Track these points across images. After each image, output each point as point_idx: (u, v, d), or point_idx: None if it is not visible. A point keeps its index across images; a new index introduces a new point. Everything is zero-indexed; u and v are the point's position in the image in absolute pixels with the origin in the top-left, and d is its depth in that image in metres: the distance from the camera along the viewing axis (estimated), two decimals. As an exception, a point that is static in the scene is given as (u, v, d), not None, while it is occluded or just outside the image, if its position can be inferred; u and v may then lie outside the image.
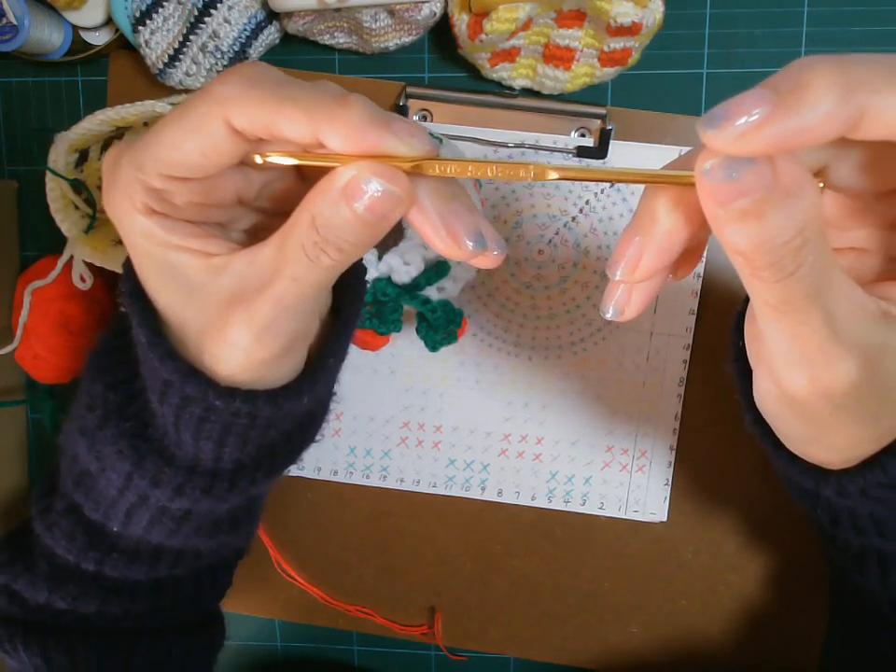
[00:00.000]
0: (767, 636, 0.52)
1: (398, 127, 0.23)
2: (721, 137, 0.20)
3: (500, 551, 0.53)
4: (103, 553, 0.34)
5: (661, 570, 0.52)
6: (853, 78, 0.20)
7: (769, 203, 0.21)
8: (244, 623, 0.58)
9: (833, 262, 0.23)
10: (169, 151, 0.24)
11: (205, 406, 0.28)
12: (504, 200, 0.48)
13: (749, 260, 0.22)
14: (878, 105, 0.20)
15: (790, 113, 0.20)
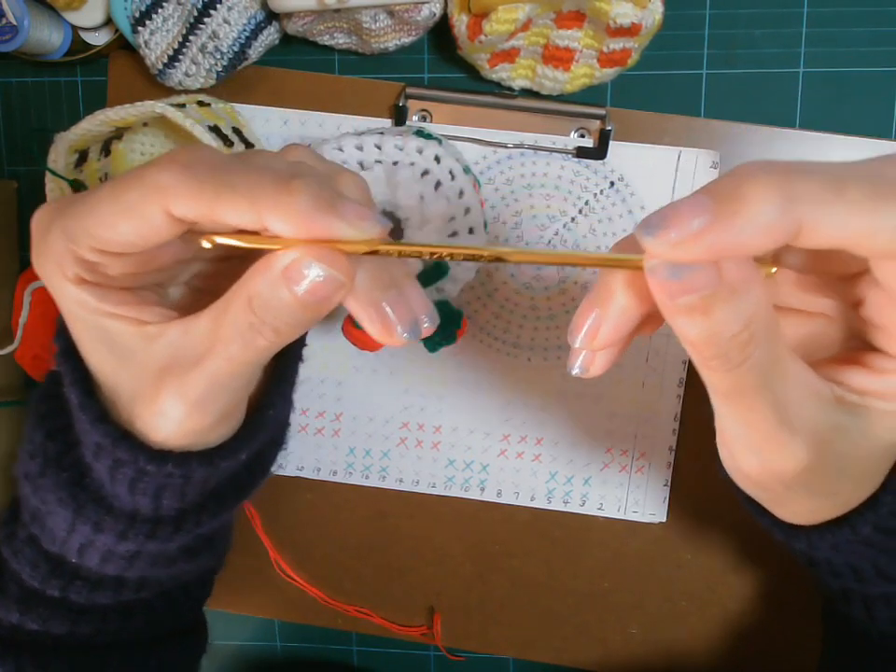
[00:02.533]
0: (767, 636, 0.52)
1: (345, 210, 0.22)
2: (657, 245, 0.20)
3: (499, 551, 0.53)
4: (66, 581, 0.34)
5: (660, 571, 0.52)
6: (792, 191, 0.20)
7: (715, 300, 0.21)
8: (243, 624, 0.58)
9: (784, 352, 0.23)
10: (103, 229, 0.24)
11: (137, 469, 0.28)
12: (504, 200, 0.48)
13: (697, 351, 0.22)
14: (816, 218, 0.20)
15: (726, 225, 0.20)
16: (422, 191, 0.40)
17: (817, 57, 0.46)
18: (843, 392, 0.24)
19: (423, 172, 0.41)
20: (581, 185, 0.48)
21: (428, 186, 0.40)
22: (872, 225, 0.20)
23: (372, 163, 0.41)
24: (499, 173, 0.48)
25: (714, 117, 0.47)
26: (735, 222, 0.20)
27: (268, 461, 0.35)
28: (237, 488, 0.33)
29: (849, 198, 0.20)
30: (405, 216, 0.40)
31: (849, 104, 0.46)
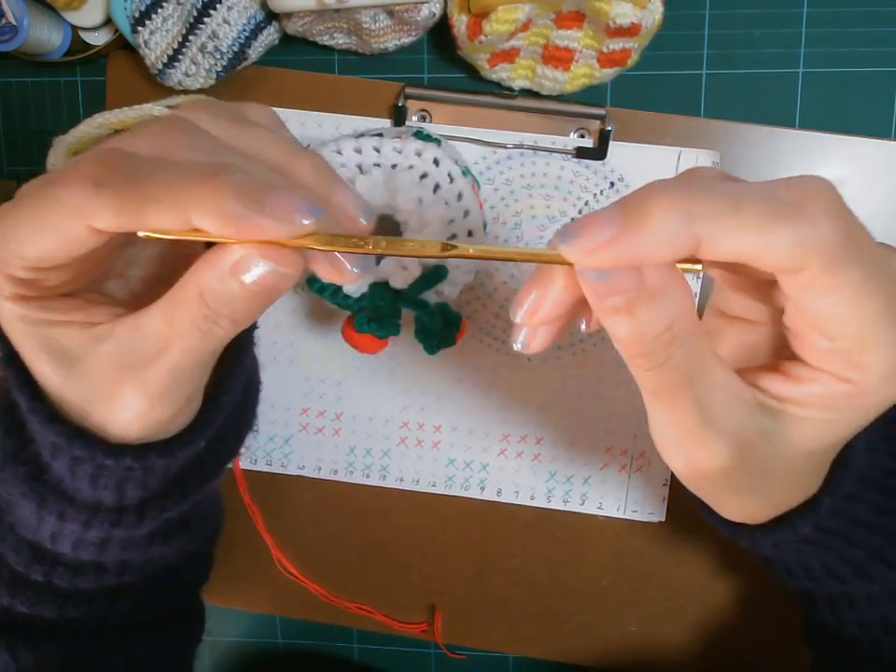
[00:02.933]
0: (766, 634, 0.52)
1: (273, 205, 0.22)
2: (572, 252, 0.22)
3: (500, 550, 0.53)
4: (48, 567, 0.34)
5: (660, 569, 0.52)
6: (692, 208, 0.21)
7: (638, 302, 0.22)
8: (245, 620, 0.59)
9: (709, 354, 0.24)
10: (29, 249, 0.24)
11: (95, 464, 0.28)
12: (503, 201, 0.48)
13: (625, 348, 0.24)
14: (713, 235, 0.21)
15: (631, 237, 0.21)
16: (420, 195, 0.40)
17: (816, 57, 0.45)
18: (764, 398, 0.26)
19: (422, 175, 0.41)
20: (580, 185, 0.48)
21: (427, 189, 0.40)
22: (765, 243, 0.21)
23: (371, 167, 0.41)
24: (499, 173, 0.48)
25: (714, 117, 0.47)
26: (639, 234, 0.21)
27: (233, 444, 0.35)
28: (201, 473, 0.33)
29: (744, 217, 0.21)
30: (404, 219, 0.40)
31: (849, 104, 0.46)
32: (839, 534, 0.32)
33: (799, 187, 0.22)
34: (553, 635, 0.54)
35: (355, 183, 0.40)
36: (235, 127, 0.28)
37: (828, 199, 0.22)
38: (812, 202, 0.21)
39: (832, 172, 0.46)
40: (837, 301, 0.22)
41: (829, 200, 0.22)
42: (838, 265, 0.22)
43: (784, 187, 0.22)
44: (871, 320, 0.22)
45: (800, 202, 0.21)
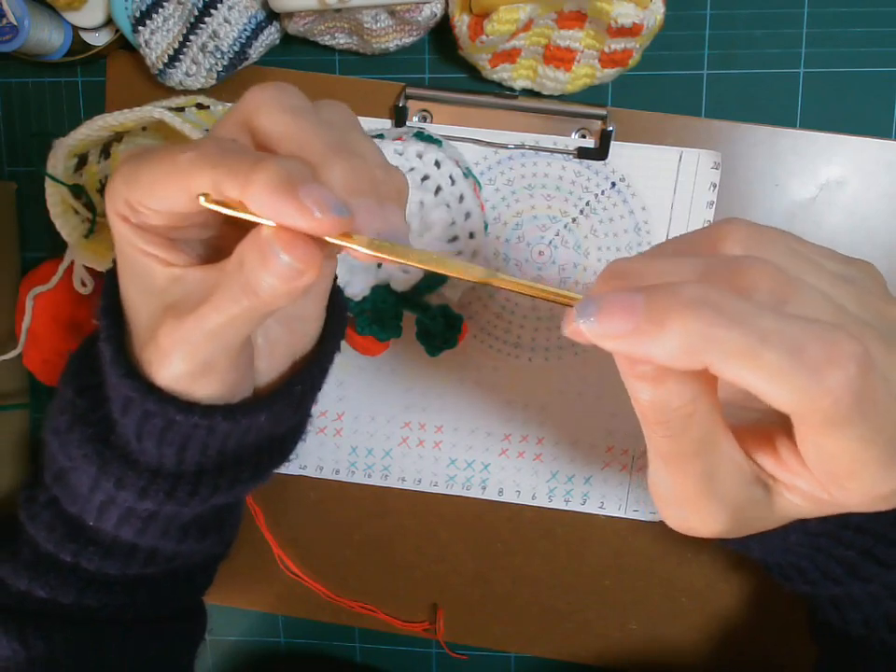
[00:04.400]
0: (768, 633, 0.52)
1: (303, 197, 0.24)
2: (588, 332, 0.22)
3: (501, 549, 0.54)
4: (80, 546, 0.36)
5: (661, 568, 0.52)
6: (710, 338, 0.21)
7: (669, 375, 0.22)
8: (247, 619, 0.59)
9: (721, 428, 0.25)
10: (142, 192, 0.26)
11: (166, 419, 0.30)
12: (504, 201, 0.48)
13: (644, 414, 0.24)
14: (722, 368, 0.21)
15: (640, 341, 0.21)
16: (422, 198, 0.40)
17: (817, 57, 0.45)
18: (759, 471, 0.26)
19: (423, 177, 0.41)
20: (582, 185, 0.48)
21: (428, 191, 0.40)
22: (768, 389, 0.21)
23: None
24: (500, 173, 0.48)
25: (715, 117, 0.47)
26: (649, 343, 0.21)
27: (287, 448, 0.36)
28: (255, 465, 0.34)
29: (760, 363, 0.21)
30: (406, 222, 0.40)
31: (849, 104, 0.46)
32: (828, 535, 0.32)
33: (828, 346, 0.21)
34: (554, 633, 0.54)
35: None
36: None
37: (853, 369, 0.21)
38: (834, 368, 0.21)
39: (832, 172, 0.46)
40: (832, 447, 0.22)
41: (853, 370, 0.21)
42: (838, 427, 0.21)
43: (814, 341, 0.21)
44: (864, 463, 0.23)
45: (821, 364, 0.21)
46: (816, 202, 0.47)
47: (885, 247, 0.47)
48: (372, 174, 0.28)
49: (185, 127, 0.42)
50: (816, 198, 0.47)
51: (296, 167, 0.25)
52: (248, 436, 0.33)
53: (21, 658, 0.36)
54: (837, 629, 0.38)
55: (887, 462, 0.23)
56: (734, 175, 0.47)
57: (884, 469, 0.23)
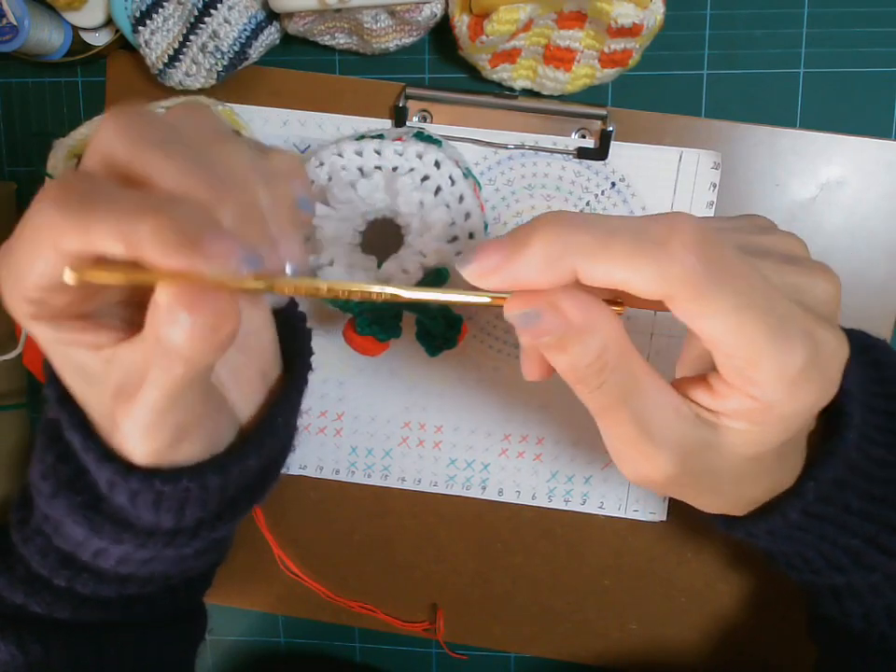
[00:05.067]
0: (767, 633, 0.52)
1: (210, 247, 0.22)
2: (467, 274, 0.25)
3: (501, 549, 0.54)
4: (74, 572, 0.35)
5: (661, 568, 0.52)
6: (566, 243, 0.24)
7: (567, 339, 0.25)
8: (247, 619, 0.59)
9: (643, 374, 0.26)
10: (26, 272, 0.24)
11: (155, 492, 0.29)
12: (504, 201, 0.48)
13: (563, 375, 0.26)
14: (585, 267, 0.24)
15: (513, 263, 0.24)
16: (422, 198, 0.40)
17: (817, 57, 0.45)
18: (699, 410, 0.27)
19: (423, 177, 0.41)
20: (582, 185, 0.48)
21: (428, 192, 0.40)
22: (630, 275, 0.23)
23: (372, 169, 0.41)
24: (500, 173, 0.48)
25: (715, 117, 0.47)
26: (520, 261, 0.24)
27: (279, 466, 0.36)
28: (250, 494, 0.34)
29: (612, 252, 0.23)
30: (405, 222, 0.40)
31: (849, 104, 0.46)
32: (832, 521, 0.32)
33: (665, 223, 0.23)
34: (554, 633, 0.54)
35: (356, 186, 0.40)
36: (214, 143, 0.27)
37: (690, 234, 0.23)
38: (675, 237, 0.23)
39: (832, 172, 0.46)
40: (713, 326, 0.24)
41: (691, 235, 0.23)
42: (703, 295, 0.23)
43: (654, 223, 0.24)
44: (752, 341, 0.24)
45: (664, 237, 0.23)
46: (816, 202, 0.47)
47: (885, 247, 0.47)
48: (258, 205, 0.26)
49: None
50: (816, 198, 0.47)
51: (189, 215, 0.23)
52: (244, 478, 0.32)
53: (19, 663, 0.36)
54: (836, 624, 0.38)
55: (775, 336, 0.24)
56: (734, 175, 0.47)
57: (776, 345, 0.24)
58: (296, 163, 0.30)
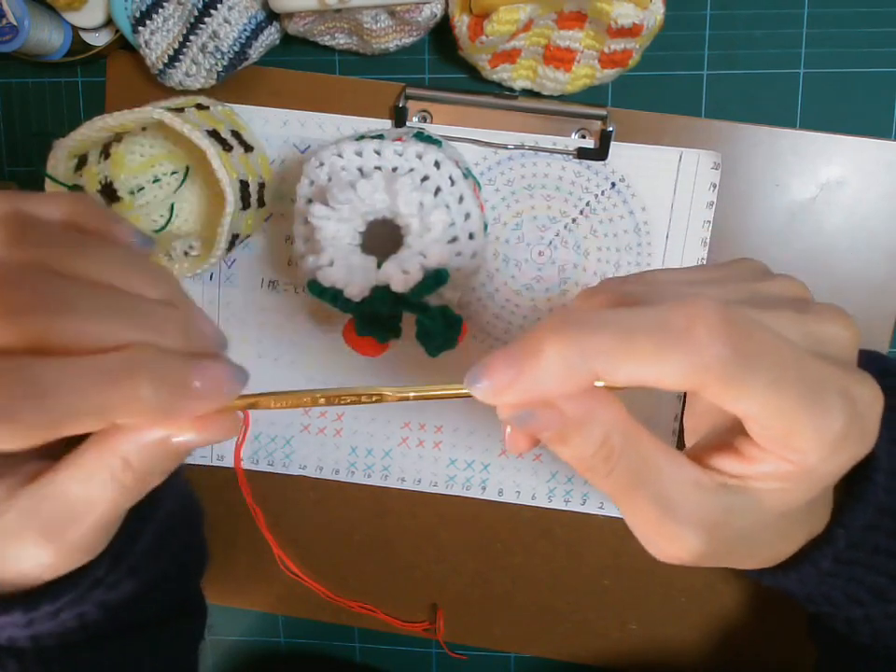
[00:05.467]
0: (767, 633, 0.52)
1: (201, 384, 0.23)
2: (480, 393, 0.24)
3: (501, 549, 0.54)
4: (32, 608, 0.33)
5: (660, 569, 0.52)
6: (584, 348, 0.22)
7: (567, 433, 0.24)
8: (247, 619, 0.59)
9: (655, 453, 0.25)
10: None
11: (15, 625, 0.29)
12: (504, 202, 0.48)
13: (571, 465, 0.25)
14: (609, 370, 0.22)
15: (529, 378, 0.23)
16: (422, 199, 0.40)
17: (817, 58, 0.45)
18: (723, 479, 0.26)
19: (423, 178, 0.41)
20: (581, 186, 0.48)
21: (428, 192, 0.40)
22: (658, 372, 0.22)
23: (372, 170, 0.41)
24: (500, 174, 0.48)
25: (715, 117, 0.47)
26: (537, 374, 0.23)
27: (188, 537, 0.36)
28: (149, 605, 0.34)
29: (635, 351, 0.22)
30: (405, 223, 0.40)
31: (849, 104, 0.46)
32: (862, 564, 0.32)
33: (686, 311, 0.22)
34: (553, 633, 0.54)
35: (356, 186, 0.40)
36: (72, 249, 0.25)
37: (713, 319, 0.22)
38: (699, 325, 0.22)
39: (832, 172, 0.46)
40: (749, 406, 0.23)
41: (714, 320, 0.22)
42: (735, 379, 0.22)
43: (673, 313, 0.23)
44: (790, 413, 0.23)
45: (687, 327, 0.22)
46: (816, 202, 0.47)
47: (885, 248, 0.47)
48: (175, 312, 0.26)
49: (185, 128, 0.41)
50: (816, 198, 0.47)
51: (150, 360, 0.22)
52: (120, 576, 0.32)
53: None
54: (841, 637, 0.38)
55: (813, 404, 0.23)
56: (734, 175, 0.47)
57: (814, 412, 0.23)
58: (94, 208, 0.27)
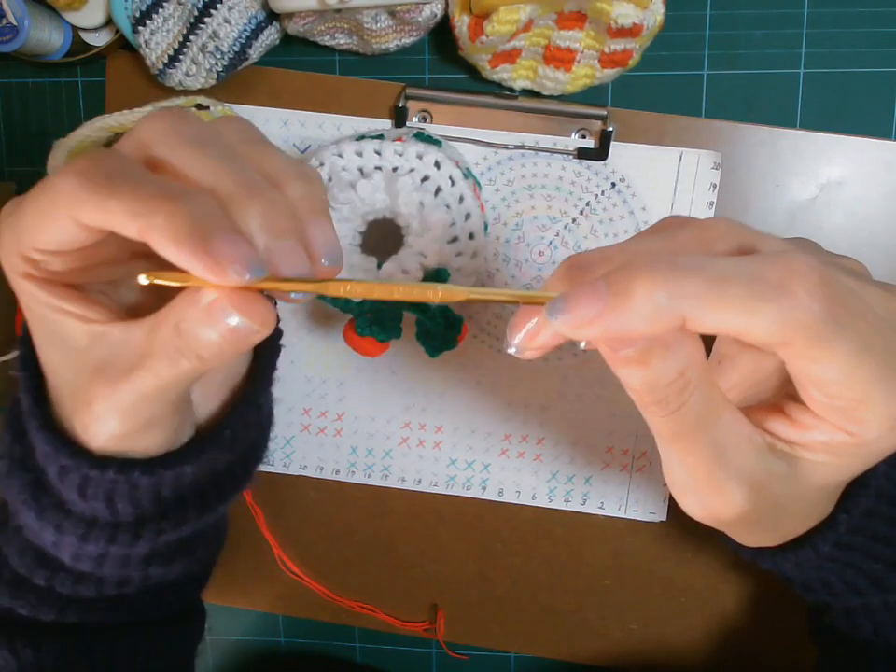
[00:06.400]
0: (766, 633, 0.52)
1: (219, 250, 0.22)
2: (562, 325, 0.23)
3: (501, 549, 0.54)
4: (51, 572, 0.35)
5: (661, 569, 0.52)
6: (676, 289, 0.22)
7: (651, 353, 0.23)
8: (247, 618, 0.59)
9: (720, 399, 0.25)
10: (31, 232, 0.25)
11: (82, 475, 0.29)
12: (504, 202, 0.48)
13: (639, 396, 0.24)
14: (697, 314, 0.22)
15: (616, 315, 0.22)
16: (422, 199, 0.40)
17: (817, 58, 0.45)
18: (773, 441, 0.26)
19: (423, 178, 0.41)
20: (582, 186, 0.48)
21: (428, 192, 0.40)
22: (747, 322, 0.22)
23: (372, 170, 0.41)
24: (500, 174, 0.48)
25: (715, 117, 0.47)
26: (624, 313, 0.22)
27: (238, 479, 0.35)
28: (201, 499, 0.33)
29: (728, 298, 0.22)
30: (405, 223, 0.40)
31: (849, 104, 0.46)
32: (860, 549, 0.32)
33: (784, 266, 0.22)
34: (554, 633, 0.54)
35: (356, 186, 0.40)
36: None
37: (812, 277, 0.22)
38: (796, 281, 0.22)
39: (832, 172, 0.46)
40: (829, 370, 0.23)
41: (813, 278, 0.22)
42: (824, 340, 0.22)
43: (770, 266, 0.22)
44: (867, 383, 0.23)
45: (783, 282, 0.22)
46: (816, 202, 0.47)
47: (885, 248, 0.47)
48: (289, 202, 0.26)
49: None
50: (816, 198, 0.47)
51: (205, 209, 0.23)
52: (183, 481, 0.31)
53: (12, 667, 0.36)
54: (842, 633, 0.38)
55: (889, 376, 0.23)
56: (734, 175, 0.47)
57: (890, 385, 0.23)
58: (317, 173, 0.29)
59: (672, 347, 0.23)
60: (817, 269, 0.22)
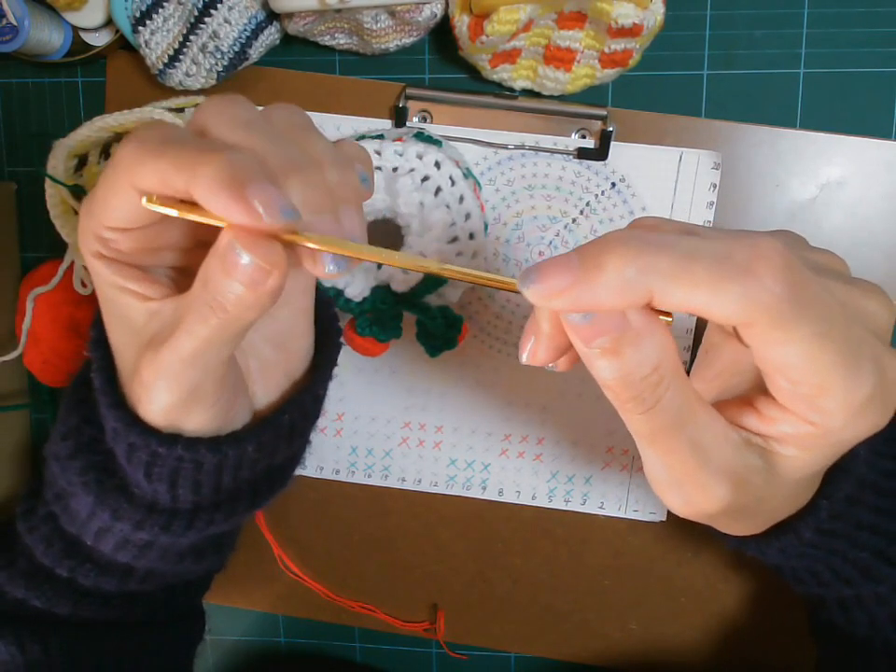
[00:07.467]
0: (767, 633, 0.52)
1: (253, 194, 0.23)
2: (532, 295, 0.23)
3: (501, 549, 0.54)
4: (77, 563, 0.36)
5: (661, 569, 0.52)
6: (646, 263, 0.22)
7: (624, 342, 0.23)
8: (247, 618, 0.59)
9: (695, 397, 0.25)
10: (102, 209, 0.26)
11: (150, 452, 0.30)
12: (504, 202, 0.48)
13: (615, 393, 0.24)
14: (663, 290, 0.23)
15: (585, 286, 0.23)
16: (422, 199, 0.40)
17: (817, 58, 0.45)
18: (748, 436, 0.26)
19: (423, 178, 0.41)
20: (582, 186, 0.48)
21: (428, 192, 0.40)
22: (711, 300, 0.22)
23: (373, 170, 0.41)
24: (500, 174, 0.48)
25: (715, 117, 0.47)
26: (593, 284, 0.23)
27: (285, 477, 0.36)
28: (253, 493, 0.34)
29: (694, 276, 0.22)
30: (405, 223, 0.40)
31: (849, 104, 0.46)
32: (843, 536, 0.32)
33: (750, 248, 0.23)
34: (554, 633, 0.54)
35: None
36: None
37: (776, 261, 0.22)
38: (762, 262, 0.22)
39: (832, 172, 0.46)
40: (790, 353, 0.23)
41: (778, 261, 0.22)
42: (786, 322, 0.23)
43: (737, 247, 0.23)
44: (826, 370, 0.23)
45: (748, 263, 0.22)
46: (816, 202, 0.47)
47: (885, 248, 0.47)
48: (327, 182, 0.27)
49: (185, 127, 0.42)
50: (816, 198, 0.47)
51: (245, 161, 0.24)
52: (242, 471, 0.32)
53: (19, 662, 0.36)
54: (840, 629, 0.38)
55: (848, 364, 0.23)
56: (734, 175, 0.47)
57: (848, 373, 0.24)
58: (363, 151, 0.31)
59: (644, 337, 0.24)
60: (782, 253, 0.23)
